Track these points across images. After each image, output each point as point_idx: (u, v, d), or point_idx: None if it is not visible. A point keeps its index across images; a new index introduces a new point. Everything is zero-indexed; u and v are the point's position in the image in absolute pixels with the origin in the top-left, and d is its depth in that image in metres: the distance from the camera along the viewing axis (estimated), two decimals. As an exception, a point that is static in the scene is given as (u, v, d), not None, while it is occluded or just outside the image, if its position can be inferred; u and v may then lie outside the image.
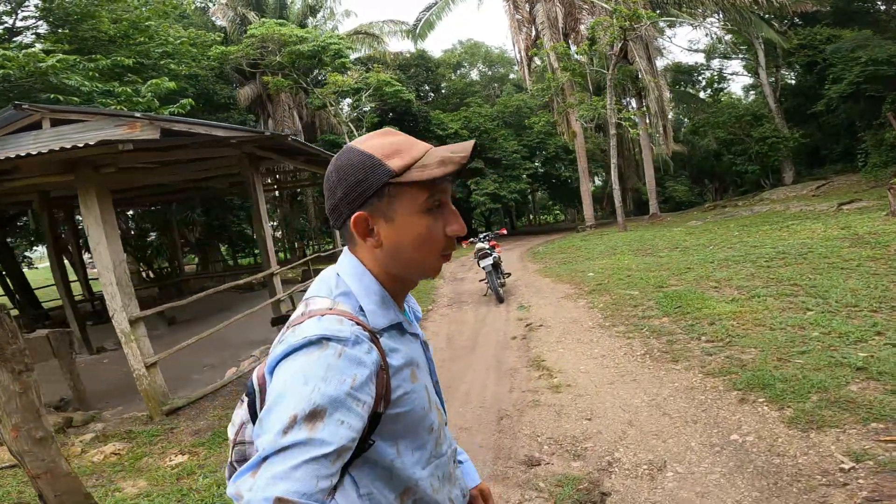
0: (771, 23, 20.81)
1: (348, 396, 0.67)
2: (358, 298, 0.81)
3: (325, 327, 0.72)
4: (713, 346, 4.34)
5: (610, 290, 7.18)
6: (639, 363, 4.35)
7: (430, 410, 0.86)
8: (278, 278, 6.74)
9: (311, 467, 0.61)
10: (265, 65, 18.65)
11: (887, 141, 18.63)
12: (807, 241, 8.40)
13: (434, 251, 0.82)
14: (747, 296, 5.50)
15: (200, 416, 4.79)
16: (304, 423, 0.63)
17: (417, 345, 0.90)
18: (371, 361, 0.73)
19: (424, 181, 0.77)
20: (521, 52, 18.55)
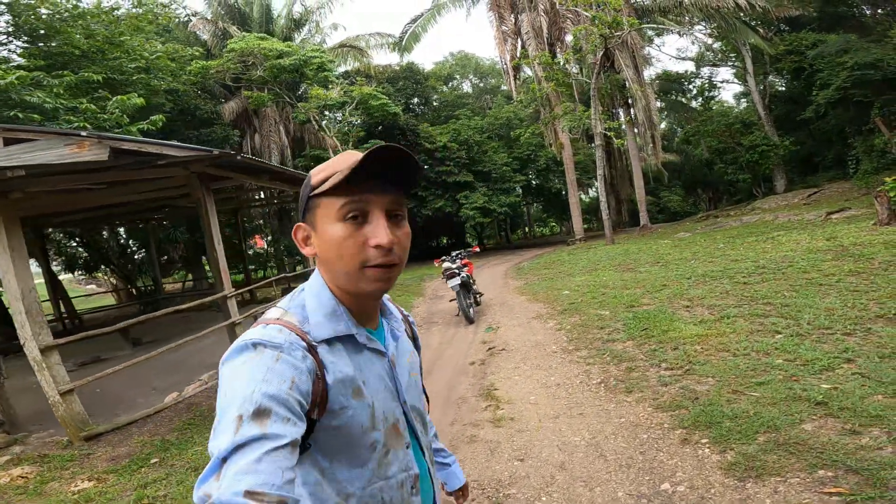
0: (756, 29, 20.71)
1: (289, 396, 0.70)
2: (307, 310, 0.85)
3: (263, 335, 0.77)
4: (671, 374, 4.02)
5: (581, 309, 6.87)
6: (592, 393, 4.03)
7: (374, 430, 0.84)
8: (233, 301, 6.42)
9: (273, 459, 0.63)
10: (247, 79, 18.52)
11: (877, 147, 18.36)
12: (789, 254, 8.11)
13: (353, 261, 0.81)
14: (717, 316, 5.19)
15: (124, 441, 4.53)
16: (252, 421, 0.65)
17: (378, 362, 0.89)
18: (306, 368, 0.76)
19: (328, 190, 0.81)
20: (507, 62, 18.42)
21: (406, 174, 0.84)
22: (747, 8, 16.88)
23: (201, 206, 6.01)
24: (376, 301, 0.93)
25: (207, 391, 5.73)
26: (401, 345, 0.97)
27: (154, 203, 10.06)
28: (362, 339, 0.87)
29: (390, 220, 0.84)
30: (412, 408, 0.96)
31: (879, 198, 9.32)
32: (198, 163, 5.67)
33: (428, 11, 21.21)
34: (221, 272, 6.18)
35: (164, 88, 14.80)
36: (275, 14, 23.53)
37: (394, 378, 0.92)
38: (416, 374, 1.01)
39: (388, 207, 0.83)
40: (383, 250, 0.81)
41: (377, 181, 0.81)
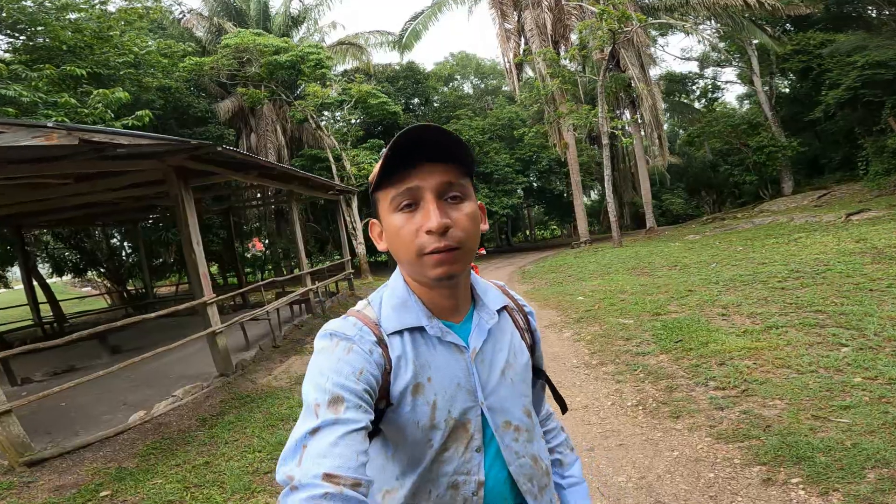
0: (764, 28, 20.25)
1: (358, 385, 0.74)
2: (382, 303, 0.88)
3: (339, 326, 0.82)
4: (724, 395, 3.45)
5: (600, 317, 6.29)
6: (629, 418, 3.45)
7: (433, 428, 0.83)
8: (214, 308, 5.84)
9: (348, 443, 0.66)
10: (242, 76, 17.97)
11: (889, 147, 17.85)
12: (821, 257, 7.57)
13: (410, 249, 0.80)
14: (762, 326, 4.62)
15: (74, 468, 3.93)
16: (328, 407, 0.70)
17: (455, 357, 0.86)
18: (374, 360, 0.79)
19: (378, 183, 0.82)
20: (510, 61, 17.90)
21: (452, 151, 0.79)
22: (756, 6, 16.41)
23: (178, 202, 5.42)
24: (449, 289, 0.87)
25: (180, 411, 5.11)
26: (493, 339, 0.90)
27: (140, 203, 9.48)
28: (434, 331, 0.85)
29: (445, 202, 0.80)
30: (497, 409, 0.88)
31: (911, 197, 8.78)
32: (173, 155, 5.10)
33: (429, 9, 20.72)
34: (201, 276, 5.59)
35: (155, 85, 14.31)
36: (272, 12, 23.03)
37: (472, 375, 0.86)
38: (513, 374, 0.91)
39: (440, 189, 0.79)
40: (435, 235, 0.78)
41: (424, 164, 0.78)
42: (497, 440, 0.88)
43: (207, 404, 5.41)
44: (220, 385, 5.97)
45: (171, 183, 5.35)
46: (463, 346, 0.86)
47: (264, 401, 5.41)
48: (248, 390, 5.95)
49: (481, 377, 0.87)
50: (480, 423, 0.86)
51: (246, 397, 5.63)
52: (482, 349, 0.88)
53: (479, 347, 0.88)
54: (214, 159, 5.70)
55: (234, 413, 5.04)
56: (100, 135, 4.84)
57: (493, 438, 0.88)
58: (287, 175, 8.97)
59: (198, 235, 5.53)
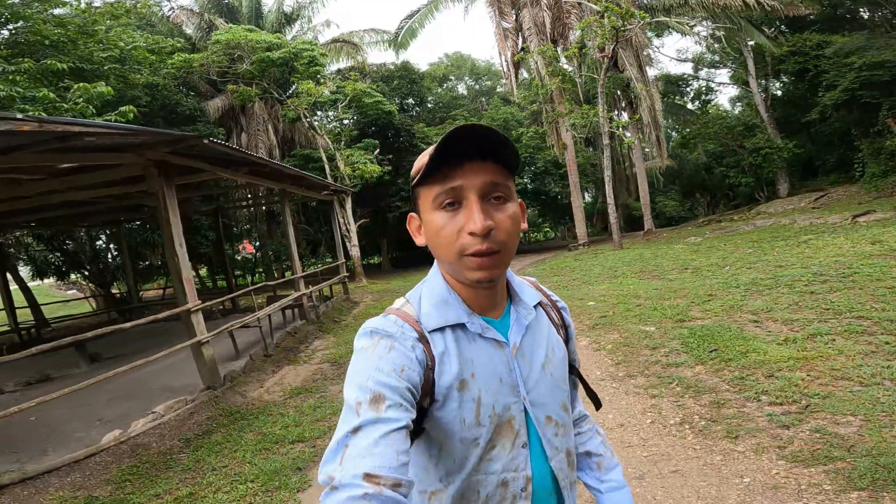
0: (762, 29, 20.13)
1: (400, 383, 0.73)
2: (421, 300, 0.87)
3: (379, 324, 0.81)
4: (784, 412, 3.06)
5: (618, 324, 5.90)
6: (676, 439, 3.05)
7: (478, 425, 0.82)
8: (199, 316, 5.36)
9: (389, 442, 0.65)
10: (233, 74, 17.44)
11: (886, 149, 17.71)
12: (840, 260, 7.25)
13: (451, 249, 0.79)
14: (804, 334, 4.25)
15: (35, 496, 3.46)
16: (369, 406, 0.69)
17: (495, 353, 0.85)
18: (415, 357, 0.78)
19: (422, 179, 0.80)
20: (508, 60, 17.55)
21: (500, 151, 0.78)
22: (755, 6, 16.22)
23: (159, 200, 4.95)
24: (488, 289, 0.85)
25: (161, 429, 4.62)
26: (531, 335, 0.89)
27: (123, 202, 8.95)
28: (474, 327, 0.84)
29: (488, 202, 0.78)
30: (538, 404, 0.87)
31: (927, 197, 8.51)
32: (153, 148, 4.63)
33: (425, 7, 20.33)
34: (184, 281, 5.11)
35: (141, 82, 13.83)
36: (265, 10, 22.51)
37: (513, 370, 0.85)
38: (552, 369, 0.90)
39: (484, 190, 0.78)
40: (478, 237, 0.76)
41: (468, 164, 0.77)
42: (539, 435, 0.87)
43: (192, 422, 4.93)
44: (207, 399, 5.49)
45: (151, 178, 4.88)
46: (503, 342, 0.86)
47: (256, 418, 4.95)
48: (237, 405, 5.48)
49: (522, 372, 0.87)
50: (524, 418, 0.86)
51: (235, 413, 5.16)
52: (521, 344, 0.87)
53: (519, 343, 0.87)
54: (200, 154, 5.24)
55: (221, 432, 4.57)
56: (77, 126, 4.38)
57: (535, 433, 0.87)
58: (279, 173, 8.51)
59: (181, 236, 5.06)
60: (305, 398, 5.60)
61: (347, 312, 11.99)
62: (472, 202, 0.77)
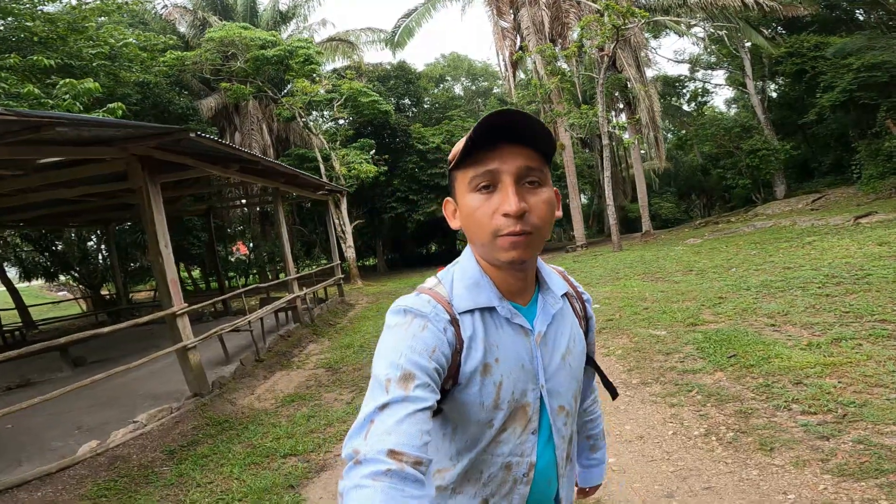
0: (760, 30, 20.03)
1: (430, 364, 0.74)
2: (454, 282, 0.87)
3: (414, 303, 0.82)
4: (820, 421, 2.83)
5: (626, 328, 5.66)
6: (703, 452, 2.81)
7: (496, 409, 0.83)
8: (185, 320, 5.08)
9: (414, 421, 0.67)
10: (227, 72, 17.13)
11: (884, 151, 17.56)
12: (850, 261, 7.07)
13: (485, 230, 0.80)
14: (827, 338, 4.03)
15: None
16: (398, 384, 0.70)
17: (520, 339, 0.86)
18: (447, 339, 0.79)
19: (458, 163, 0.82)
20: (506, 59, 17.35)
21: (535, 137, 0.79)
22: (754, 6, 16.11)
23: (142, 197, 4.66)
24: (520, 272, 0.86)
25: (143, 440, 4.33)
26: (556, 324, 0.90)
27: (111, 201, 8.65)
28: (504, 312, 0.85)
29: (523, 186, 0.79)
30: (554, 393, 0.88)
31: (935, 198, 8.34)
32: (136, 142, 4.35)
33: (422, 6, 20.11)
34: (169, 283, 4.82)
35: (132, 80, 13.57)
36: (260, 8, 22.21)
37: (535, 358, 0.87)
38: (571, 360, 0.91)
39: (519, 174, 0.79)
40: (512, 219, 0.78)
41: (505, 147, 0.78)
42: (550, 423, 0.89)
43: (177, 432, 4.65)
44: (193, 407, 5.20)
45: (134, 174, 4.58)
46: (529, 329, 0.86)
47: (245, 428, 4.67)
48: (226, 413, 5.19)
49: (544, 361, 0.87)
50: (539, 405, 0.87)
51: (224, 423, 4.87)
52: (546, 333, 0.88)
53: (544, 332, 0.88)
54: (188, 149, 4.96)
55: (208, 443, 4.29)
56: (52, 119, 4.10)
57: (547, 422, 0.88)
58: (272, 171, 8.22)
59: (166, 236, 4.77)
60: (298, 407, 5.33)
61: (343, 315, 11.71)
62: (507, 185, 0.78)
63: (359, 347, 7.80)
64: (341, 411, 4.79)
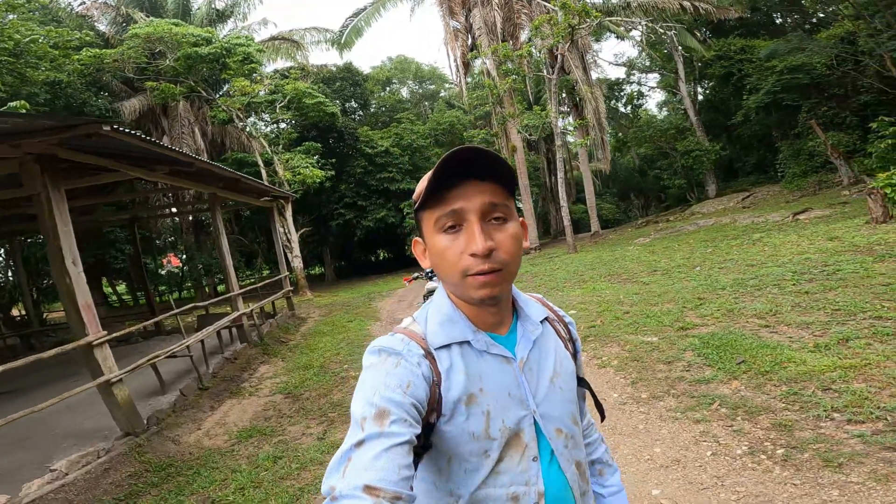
0: (694, 32, 20.95)
1: (405, 399, 0.74)
2: (428, 319, 0.88)
3: (387, 342, 0.83)
4: (874, 430, 2.62)
5: (613, 335, 5.40)
6: (759, 473, 2.52)
7: (488, 438, 0.82)
8: (106, 350, 4.26)
9: (391, 456, 0.67)
10: (153, 71, 15.68)
11: (806, 150, 18.63)
12: (809, 257, 7.24)
13: (454, 270, 0.81)
14: (831, 339, 3.90)
15: None
16: (373, 421, 0.71)
17: (503, 367, 0.86)
18: (422, 374, 0.79)
19: (422, 204, 0.83)
20: (458, 60, 17.06)
21: (496, 170, 0.80)
22: (691, 9, 16.79)
23: (42, 206, 3.82)
24: (493, 306, 0.87)
25: (65, 493, 3.52)
26: (538, 349, 0.91)
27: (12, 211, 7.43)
28: (479, 344, 0.86)
29: (489, 223, 0.80)
30: (549, 417, 0.87)
31: (873, 195, 8.82)
32: (32, 137, 3.54)
33: (372, 5, 19.44)
34: (81, 309, 4.00)
35: (41, 78, 12.19)
36: (194, 6, 20.61)
37: (521, 384, 0.86)
38: (561, 382, 0.91)
39: (483, 211, 0.79)
40: (480, 258, 0.78)
41: (468, 185, 0.79)
42: (552, 447, 0.88)
43: (108, 482, 3.85)
44: (127, 450, 4.39)
45: (30, 178, 3.72)
46: (510, 357, 0.87)
47: (196, 474, 3.94)
48: (169, 455, 4.42)
49: (531, 386, 0.87)
50: (534, 431, 0.86)
51: (168, 467, 4.12)
52: (528, 359, 0.88)
53: (526, 357, 0.88)
54: (103, 148, 4.15)
55: (151, 495, 3.57)
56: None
57: (548, 447, 0.87)
58: (208, 174, 7.33)
59: (74, 252, 3.93)
60: (259, 444, 4.63)
61: (295, 330, 10.86)
62: (473, 223, 0.79)
63: (319, 368, 7.11)
64: (314, 450, 4.16)
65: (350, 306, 13.26)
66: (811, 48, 16.53)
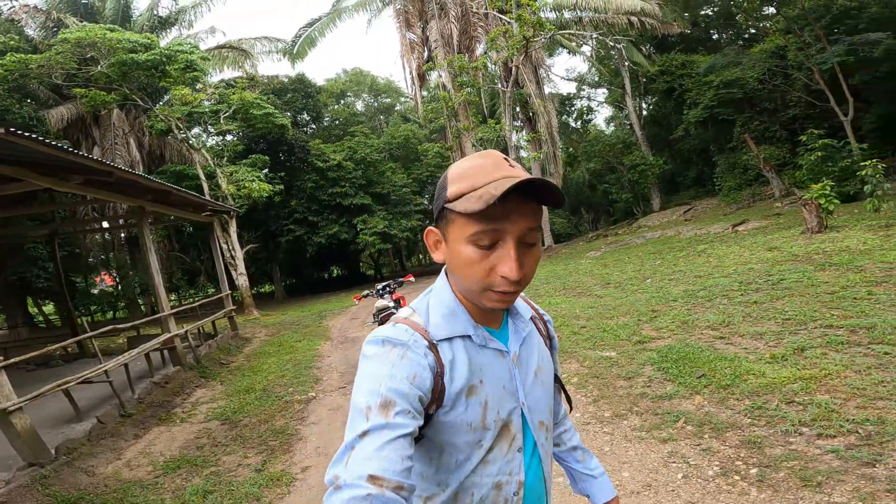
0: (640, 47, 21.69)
1: (411, 391, 0.75)
2: (429, 311, 0.88)
3: (391, 332, 0.83)
4: (847, 445, 2.52)
5: (571, 350, 5.25)
6: (735, 496, 2.40)
7: (484, 429, 0.84)
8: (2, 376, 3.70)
9: (395, 447, 0.68)
10: (83, 77, 14.61)
11: (740, 164, 19.38)
12: (751, 267, 7.44)
13: (478, 283, 0.80)
14: (786, 350, 3.87)
15: None
16: (378, 411, 0.71)
17: (498, 361, 0.88)
18: (427, 365, 0.80)
19: (467, 213, 0.77)
20: (413, 72, 16.91)
21: (545, 194, 0.78)
22: (638, 25, 17.40)
23: None
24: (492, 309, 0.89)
25: None
26: (527, 344, 0.94)
27: None
28: (479, 339, 0.87)
29: (522, 246, 0.80)
30: (534, 409, 0.92)
31: (808, 206, 9.24)
32: None
33: (327, 16, 19.03)
34: None
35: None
36: (135, 13, 19.48)
37: (514, 377, 0.89)
38: (543, 376, 0.95)
39: (522, 235, 0.79)
40: (509, 282, 0.78)
41: (515, 204, 0.76)
42: (534, 439, 0.91)
43: (6, 521, 3.30)
44: (30, 482, 3.84)
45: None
46: (505, 351, 0.89)
47: (113, 514, 3.42)
48: (80, 488, 3.89)
49: (520, 379, 0.90)
50: (521, 423, 0.89)
51: (77, 501, 3.59)
52: (520, 353, 0.91)
53: (518, 351, 0.91)
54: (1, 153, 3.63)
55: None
56: None
57: (531, 438, 0.91)
58: (134, 185, 6.69)
59: None
60: (188, 476, 4.14)
61: (237, 352, 10.17)
62: (510, 248, 0.78)
63: (262, 392, 6.59)
64: (250, 483, 3.72)
65: (299, 325, 12.63)
66: (745, 63, 17.33)
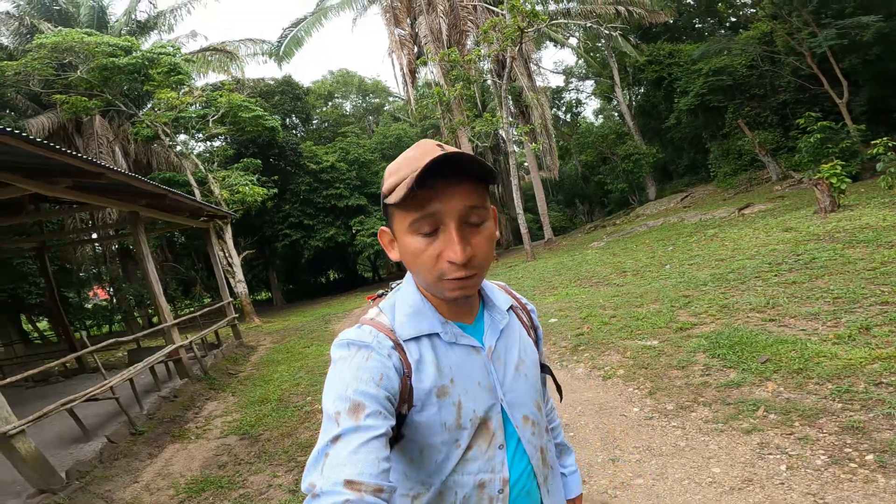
0: (628, 38, 21.59)
1: (378, 392, 0.73)
2: (395, 311, 0.86)
3: (355, 335, 0.81)
4: None
5: (607, 341, 5.01)
6: (863, 485, 2.14)
7: (459, 428, 0.82)
8: None
9: (368, 449, 0.66)
10: (62, 83, 14.11)
11: (734, 150, 19.39)
12: (773, 248, 7.27)
13: (430, 273, 0.79)
14: (850, 330, 3.65)
15: None
16: (348, 415, 0.69)
17: (472, 357, 0.85)
18: (392, 366, 0.78)
19: (398, 203, 0.75)
20: (404, 68, 16.60)
21: (475, 170, 0.76)
22: (626, 15, 17.28)
23: None
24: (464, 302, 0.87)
25: None
26: (505, 337, 0.91)
27: None
28: (448, 336, 0.85)
29: (466, 227, 0.77)
30: (515, 405, 0.89)
31: (820, 186, 9.13)
32: None
33: (312, 15, 18.64)
34: None
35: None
36: (112, 18, 18.89)
37: (490, 373, 0.87)
38: (526, 369, 0.92)
39: (462, 215, 0.77)
40: (457, 265, 0.76)
41: (446, 185, 0.75)
42: (518, 435, 0.88)
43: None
44: None
45: None
46: (479, 347, 0.86)
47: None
48: None
49: (498, 375, 0.87)
50: (501, 419, 0.86)
51: None
52: (496, 347, 0.88)
53: (494, 346, 0.88)
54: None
55: None
56: None
57: (514, 434, 0.88)
58: (127, 188, 6.29)
59: None
60: (216, 499, 3.83)
61: (244, 361, 9.84)
62: (451, 230, 0.76)
63: (277, 402, 6.28)
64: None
65: (304, 330, 12.30)
66: (733, 49, 17.28)
